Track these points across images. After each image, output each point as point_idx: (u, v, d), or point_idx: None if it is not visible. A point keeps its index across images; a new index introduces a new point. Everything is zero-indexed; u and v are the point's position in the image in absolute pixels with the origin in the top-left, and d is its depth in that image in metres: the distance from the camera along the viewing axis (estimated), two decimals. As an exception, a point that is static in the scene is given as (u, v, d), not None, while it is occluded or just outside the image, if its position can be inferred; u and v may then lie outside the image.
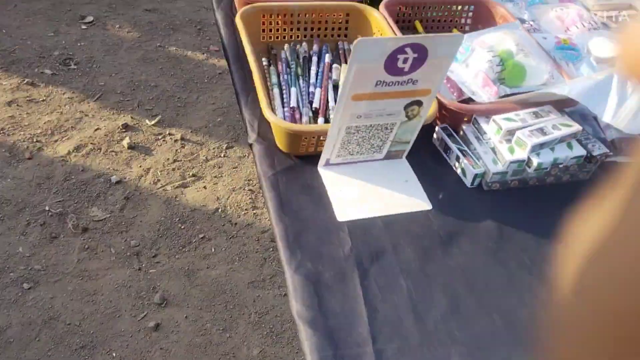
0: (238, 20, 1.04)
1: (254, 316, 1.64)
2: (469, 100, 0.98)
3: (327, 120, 0.96)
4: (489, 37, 1.05)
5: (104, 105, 2.25)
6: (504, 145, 0.88)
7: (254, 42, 1.01)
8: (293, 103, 0.97)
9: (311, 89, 1.01)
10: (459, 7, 1.20)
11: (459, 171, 0.91)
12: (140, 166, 2.03)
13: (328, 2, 1.12)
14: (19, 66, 2.38)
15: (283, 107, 0.97)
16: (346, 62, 1.09)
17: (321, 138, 0.88)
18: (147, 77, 2.39)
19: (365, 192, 0.87)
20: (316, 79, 1.03)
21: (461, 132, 0.94)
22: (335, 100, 1.00)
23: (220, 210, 1.91)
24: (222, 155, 2.11)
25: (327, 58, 1.07)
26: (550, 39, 1.16)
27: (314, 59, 1.08)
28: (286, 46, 1.11)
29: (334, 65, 1.06)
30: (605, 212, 0.21)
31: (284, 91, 1.00)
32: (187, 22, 2.72)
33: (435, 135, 0.96)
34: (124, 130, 2.15)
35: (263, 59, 1.06)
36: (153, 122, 2.18)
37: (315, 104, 0.98)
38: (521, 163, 0.87)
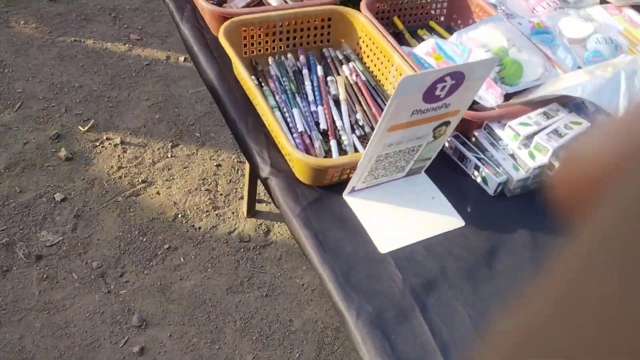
0: (222, 39, 0.97)
1: (239, 323, 1.61)
2: (473, 104, 0.98)
3: (339, 142, 0.93)
4: (478, 34, 1.05)
5: (28, 114, 2.06)
6: (524, 151, 0.89)
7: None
8: (300, 127, 0.93)
9: (312, 107, 0.97)
10: (433, -2, 1.18)
11: (479, 180, 0.92)
12: (83, 179, 1.89)
13: (308, 8, 1.06)
14: None
15: (291, 132, 0.92)
16: (337, 72, 1.05)
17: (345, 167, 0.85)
18: (69, 78, 2.21)
19: (398, 216, 0.85)
20: (314, 95, 0.99)
21: (473, 139, 0.94)
22: (341, 117, 0.96)
23: (180, 215, 1.83)
24: (169, 156, 2.00)
25: (320, 71, 1.03)
26: (525, 24, 1.17)
27: (304, 71, 1.03)
28: (270, 59, 1.05)
29: (329, 78, 1.02)
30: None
31: (286, 114, 0.95)
32: (99, 11, 2.52)
33: (447, 144, 0.95)
34: (56, 140, 1.98)
35: (252, 77, 1.00)
36: (86, 128, 2.03)
37: (323, 126, 0.94)
38: (543, 168, 0.88)
